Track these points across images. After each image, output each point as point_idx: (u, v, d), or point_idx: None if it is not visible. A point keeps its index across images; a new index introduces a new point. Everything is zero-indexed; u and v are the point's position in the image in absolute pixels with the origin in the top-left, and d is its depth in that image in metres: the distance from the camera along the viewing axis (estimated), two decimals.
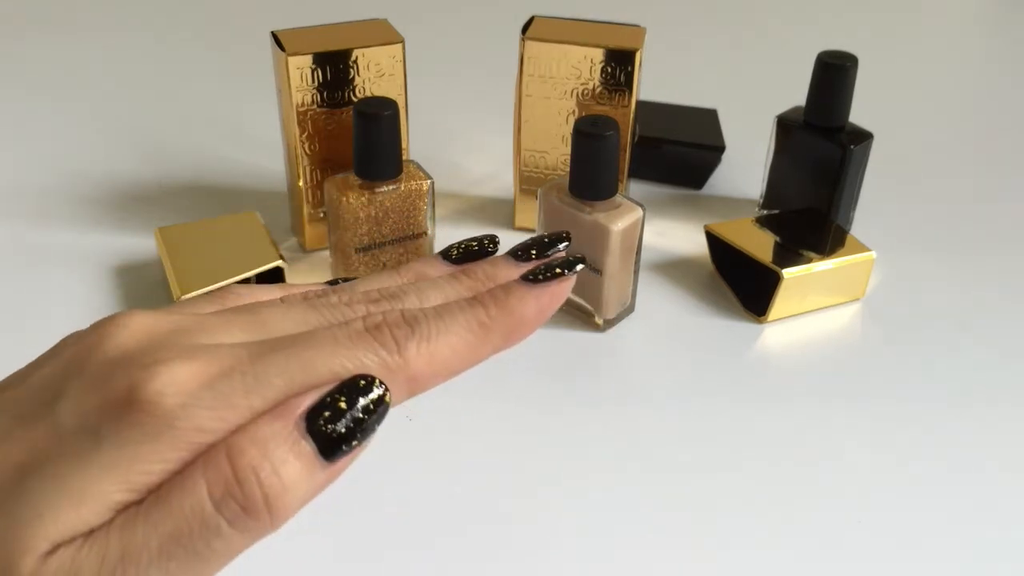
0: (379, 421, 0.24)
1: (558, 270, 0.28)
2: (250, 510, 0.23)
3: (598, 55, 0.60)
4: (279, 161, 0.67)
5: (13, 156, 0.76)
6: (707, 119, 0.77)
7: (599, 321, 0.57)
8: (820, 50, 0.63)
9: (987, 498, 0.47)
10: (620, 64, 0.60)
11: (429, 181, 0.58)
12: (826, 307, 0.61)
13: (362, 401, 0.24)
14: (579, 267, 0.29)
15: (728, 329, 0.59)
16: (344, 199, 0.56)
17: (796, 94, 0.67)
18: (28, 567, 0.22)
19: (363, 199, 0.56)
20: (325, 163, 0.62)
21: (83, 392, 0.24)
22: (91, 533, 0.22)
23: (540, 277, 0.28)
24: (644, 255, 0.61)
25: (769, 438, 0.51)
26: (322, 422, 0.23)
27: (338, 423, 0.24)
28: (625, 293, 0.58)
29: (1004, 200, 0.75)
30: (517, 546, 0.44)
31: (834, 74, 0.62)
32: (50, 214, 0.68)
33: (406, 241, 0.59)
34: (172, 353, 0.24)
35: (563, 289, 0.28)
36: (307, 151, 0.61)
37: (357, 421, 0.24)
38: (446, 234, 0.66)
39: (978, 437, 0.51)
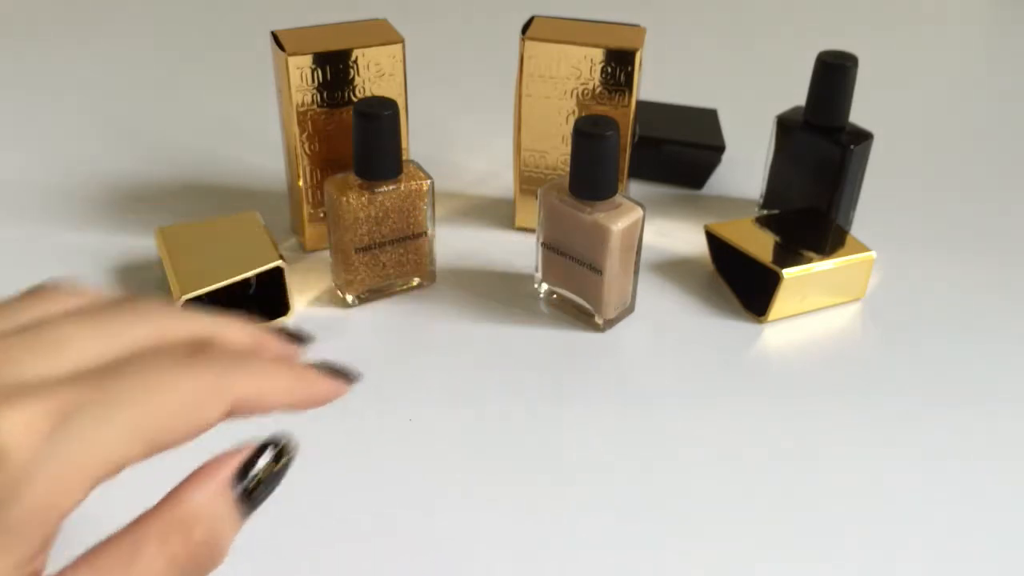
0: None
1: None
2: None
3: (598, 55, 0.60)
4: (279, 161, 0.67)
5: (14, 156, 0.76)
6: (707, 119, 0.77)
7: (599, 321, 0.57)
8: (820, 50, 0.63)
9: (988, 497, 0.47)
10: (620, 64, 0.60)
11: (429, 181, 0.58)
12: (826, 307, 0.61)
13: None
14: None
15: (728, 329, 0.59)
16: (344, 199, 0.56)
17: (796, 94, 0.67)
18: None
19: (363, 199, 0.56)
20: (325, 163, 0.62)
21: None
22: None
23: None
24: (644, 255, 0.61)
25: (769, 438, 0.51)
26: None
27: None
28: (625, 293, 0.58)
29: (1004, 200, 0.75)
30: (516, 545, 0.44)
31: (834, 74, 0.62)
32: (50, 214, 0.68)
33: (406, 241, 0.59)
34: None
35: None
36: (307, 151, 0.61)
37: None
38: (446, 234, 0.66)
39: (978, 437, 0.51)
